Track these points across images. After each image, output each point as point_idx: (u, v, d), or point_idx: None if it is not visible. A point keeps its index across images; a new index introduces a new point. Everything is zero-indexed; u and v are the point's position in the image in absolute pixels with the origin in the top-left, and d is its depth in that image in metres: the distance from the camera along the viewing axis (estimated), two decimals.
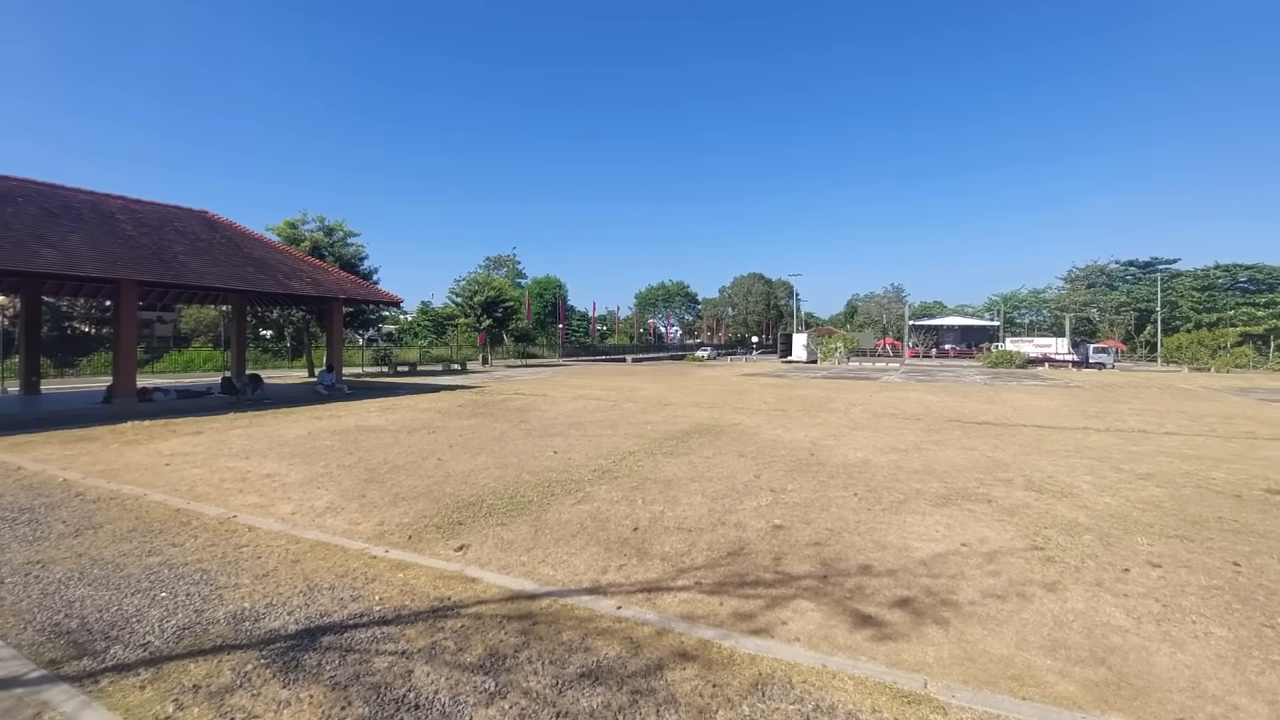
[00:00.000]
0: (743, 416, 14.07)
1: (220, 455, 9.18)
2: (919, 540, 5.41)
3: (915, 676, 3.16)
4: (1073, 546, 5.28)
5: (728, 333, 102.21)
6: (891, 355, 61.26)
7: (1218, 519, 6.16)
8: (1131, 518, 6.18)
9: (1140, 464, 8.93)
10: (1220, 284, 67.22)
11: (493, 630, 3.63)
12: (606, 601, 4.06)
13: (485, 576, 4.47)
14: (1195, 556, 5.06)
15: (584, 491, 7.01)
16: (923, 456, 9.35)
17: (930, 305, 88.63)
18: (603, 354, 64.20)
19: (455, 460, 8.76)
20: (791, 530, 5.66)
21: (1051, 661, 3.35)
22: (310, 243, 29.52)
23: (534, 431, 11.52)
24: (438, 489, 7.11)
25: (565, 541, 5.29)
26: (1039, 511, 6.38)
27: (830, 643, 3.53)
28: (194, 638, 3.57)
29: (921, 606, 4.03)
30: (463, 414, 14.26)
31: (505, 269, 78.88)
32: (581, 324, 77.85)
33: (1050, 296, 78.25)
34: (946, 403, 17.98)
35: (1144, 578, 4.59)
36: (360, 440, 10.45)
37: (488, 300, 41.75)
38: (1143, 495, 7.10)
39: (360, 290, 22.68)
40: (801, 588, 4.33)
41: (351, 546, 5.16)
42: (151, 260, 15.97)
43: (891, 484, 7.54)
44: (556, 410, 15.05)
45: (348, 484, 7.37)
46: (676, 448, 9.88)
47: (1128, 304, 69.66)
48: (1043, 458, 9.36)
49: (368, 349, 39.58)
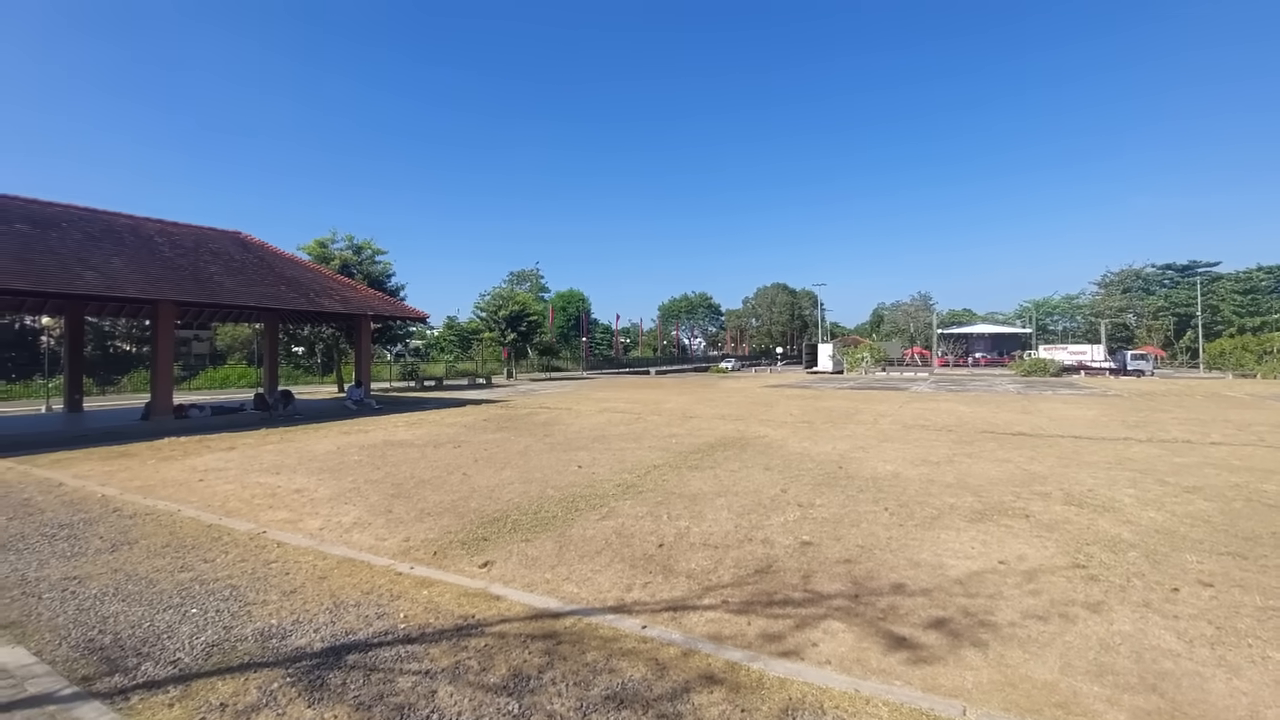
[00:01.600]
0: (768, 429, 13.91)
1: (252, 471, 9.34)
2: (954, 558, 5.24)
3: (953, 703, 3.03)
4: (1117, 564, 5.06)
5: (752, 344, 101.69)
6: (920, 365, 60.24)
7: (1272, 534, 5.86)
8: (1179, 533, 5.92)
9: (1186, 476, 8.57)
10: (1264, 286, 64.94)
11: (516, 650, 3.59)
12: (631, 621, 3.99)
13: (509, 594, 4.44)
14: (1249, 575, 4.81)
15: (608, 507, 6.96)
16: (955, 469, 9.10)
17: (959, 313, 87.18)
18: (626, 367, 64.28)
19: (480, 475, 8.79)
20: (821, 547, 5.53)
21: (1099, 688, 3.18)
22: (339, 261, 30.17)
23: (558, 446, 11.52)
24: (463, 504, 7.13)
25: (589, 558, 5.24)
26: (1080, 527, 6.14)
27: (863, 666, 3.41)
28: (222, 655, 3.60)
29: (958, 628, 3.89)
30: (488, 428, 14.34)
31: (529, 283, 79.70)
32: (605, 337, 78.23)
33: (1084, 302, 76.44)
34: (979, 413, 17.55)
35: (1195, 598, 4.37)
36: (387, 455, 10.56)
37: (512, 315, 42.15)
38: (1190, 509, 6.80)
39: (388, 307, 23.08)
40: (832, 607, 4.21)
41: (377, 563, 5.18)
42: (188, 281, 16.47)
43: (923, 498, 7.34)
44: (581, 424, 15.05)
45: (374, 499, 7.44)
46: (701, 461, 9.78)
47: (1166, 309, 67.60)
48: (1082, 470, 9.04)
49: (395, 364, 40.24)
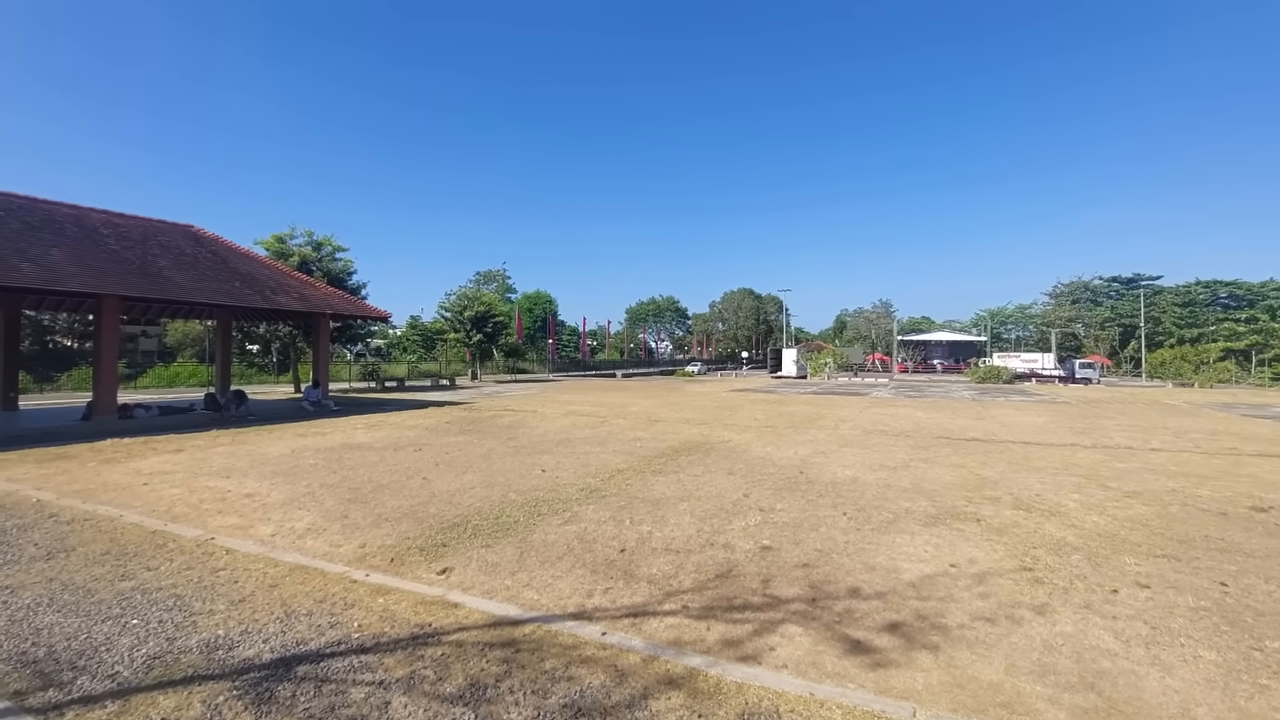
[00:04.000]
0: (732, 433, 14.04)
1: (200, 474, 9.01)
2: (908, 561, 5.37)
3: (904, 705, 3.10)
4: (1061, 567, 5.26)
5: (718, 348, 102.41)
6: (881, 370, 61.63)
7: (1204, 538, 6.18)
8: (1119, 537, 6.18)
9: (1127, 481, 8.97)
10: (1201, 300, 68.45)
11: (474, 659, 3.54)
12: (592, 627, 3.98)
13: (468, 601, 4.37)
14: (1183, 577, 5.05)
15: (571, 511, 6.93)
16: (912, 474, 9.34)
17: (919, 320, 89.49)
18: (593, 369, 64.08)
19: (441, 479, 8.65)
20: (780, 551, 5.60)
21: (1041, 687, 3.30)
22: (298, 257, 29.39)
23: (522, 449, 11.41)
24: (422, 509, 7.00)
25: (551, 564, 5.20)
26: (1027, 531, 6.36)
27: (818, 669, 3.47)
28: (164, 668, 3.45)
29: (911, 630, 3.99)
30: (450, 431, 14.12)
31: (495, 284, 78.80)
32: (572, 339, 77.79)
33: (1036, 312, 79.31)
34: (935, 419, 18.04)
35: (1132, 599, 4.57)
36: (345, 458, 10.31)
37: (477, 315, 41.62)
38: (1130, 513, 7.11)
39: (348, 305, 22.55)
40: (790, 611, 4.27)
41: (332, 570, 5.05)
42: (135, 275, 15.80)
43: (880, 503, 7.51)
44: (545, 427, 14.95)
45: (330, 504, 7.24)
46: (665, 465, 9.81)
47: (1112, 319, 70.69)
48: (1031, 475, 9.38)
49: (355, 364, 39.32)
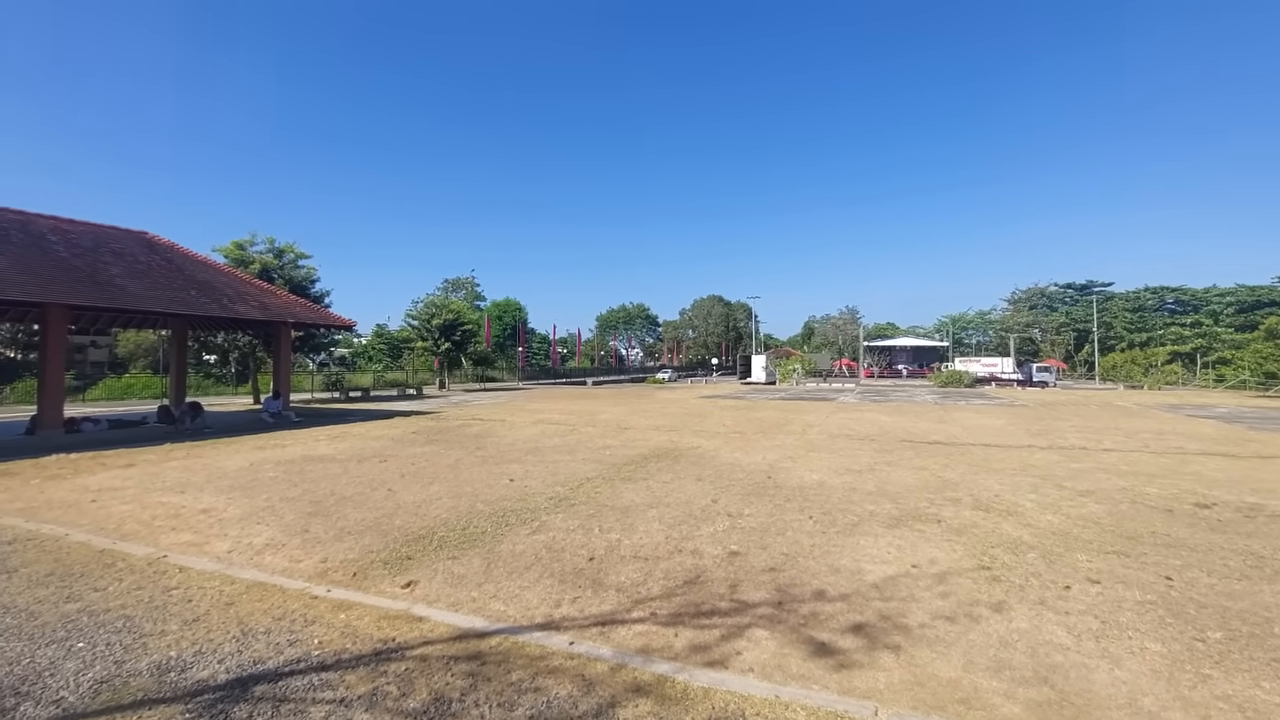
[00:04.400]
0: (702, 440, 14.12)
1: (152, 490, 8.69)
2: (872, 563, 5.48)
3: (866, 704, 3.16)
4: (1018, 565, 5.42)
5: (688, 354, 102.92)
6: (848, 376, 62.65)
7: (1152, 534, 6.44)
8: (1073, 535, 6.40)
9: (1080, 481, 9.29)
10: (1150, 305, 71.47)
11: (439, 673, 3.49)
12: (559, 637, 3.96)
13: (433, 615, 4.31)
14: (1131, 572, 5.26)
15: (540, 521, 6.88)
16: (876, 477, 9.52)
17: (884, 326, 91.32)
18: (563, 377, 63.77)
19: (406, 491, 8.50)
20: (748, 556, 5.66)
21: (997, 683, 3.40)
22: (259, 265, 28.62)
23: (490, 459, 11.30)
24: (386, 522, 6.87)
25: (518, 574, 5.16)
26: (986, 530, 6.55)
27: (784, 672, 3.51)
28: (113, 692, 3.32)
29: (874, 631, 4.06)
30: (417, 441, 13.90)
31: (464, 291, 77.90)
32: (542, 347, 77.35)
33: (995, 318, 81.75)
34: (899, 423, 18.43)
35: (1084, 594, 4.74)
36: (306, 471, 10.06)
37: (445, 323, 41.05)
38: (1083, 512, 7.37)
39: (311, 314, 22.04)
40: (757, 616, 4.32)
41: (291, 586, 4.92)
42: (84, 283, 15.19)
43: (846, 506, 7.64)
44: (514, 436, 14.82)
45: (290, 518, 7.06)
46: (635, 473, 9.82)
47: (1067, 324, 73.26)
48: (990, 476, 9.65)
49: (319, 374, 38.42)
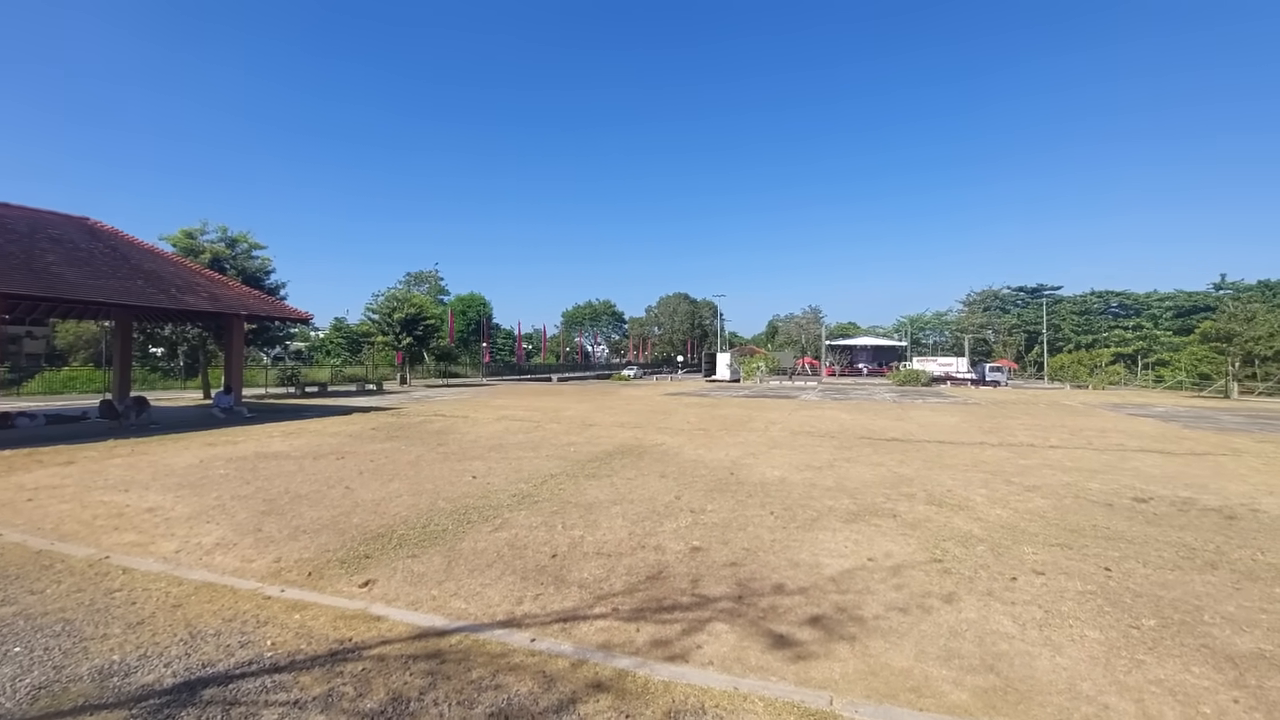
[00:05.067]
0: (666, 436, 14.19)
1: (94, 488, 8.31)
2: (830, 557, 5.60)
3: (822, 694, 3.24)
4: (968, 558, 5.62)
5: (654, 352, 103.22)
6: (810, 374, 63.75)
7: (1093, 527, 6.74)
8: (1020, 528, 6.66)
9: (1028, 477, 9.66)
10: (1096, 308, 74.77)
11: (397, 672, 3.44)
12: (521, 634, 3.94)
13: (391, 614, 4.24)
14: (1073, 563, 5.50)
15: (502, 518, 6.83)
16: (836, 473, 9.73)
17: (846, 326, 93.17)
18: (528, 373, 63.24)
19: (365, 488, 8.32)
20: (709, 551, 5.72)
21: (947, 671, 3.52)
22: (210, 254, 27.53)
23: (452, 455, 11.14)
24: (344, 520, 6.72)
25: (480, 572, 5.11)
26: (939, 525, 6.76)
27: (743, 665, 3.57)
28: (51, 698, 3.18)
29: (830, 623, 4.16)
30: (376, 437, 13.61)
31: (427, 285, 76.57)
32: (507, 343, 76.56)
33: (951, 319, 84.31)
34: (859, 420, 18.85)
35: (1029, 585, 4.94)
36: (259, 468, 9.75)
37: (408, 317, 40.26)
38: (1029, 506, 7.67)
39: (264, 306, 21.36)
40: (718, 610, 4.38)
41: (243, 586, 4.77)
42: (19, 271, 14.41)
43: (806, 501, 7.78)
44: (477, 432, 14.64)
45: (242, 517, 6.84)
46: (599, 470, 9.82)
47: (1018, 326, 76.03)
48: (943, 472, 9.96)
49: (273, 368, 37.23)
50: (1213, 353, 41.29)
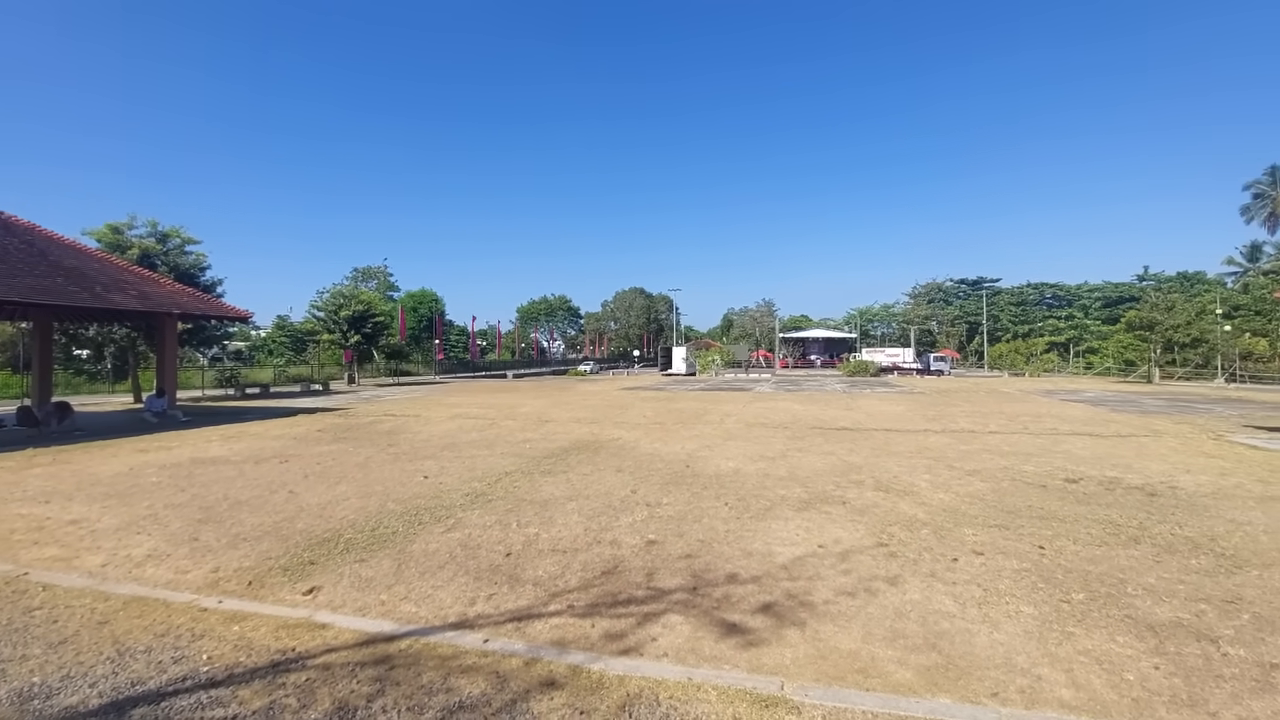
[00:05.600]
0: (622, 431, 14.20)
1: (10, 500, 7.77)
2: (782, 545, 5.71)
3: (773, 680, 3.30)
4: (912, 541, 5.82)
5: (610, 346, 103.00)
6: (764, 366, 64.83)
7: (1028, 508, 7.07)
8: (961, 511, 6.94)
9: (969, 461, 10.07)
10: (1031, 300, 78.44)
11: (343, 680, 3.33)
12: (473, 635, 3.88)
13: (337, 621, 4.11)
14: (1010, 543, 5.76)
15: (455, 518, 6.70)
16: (788, 463, 9.92)
17: (799, 318, 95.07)
18: (483, 370, 62.23)
19: (310, 492, 8.04)
20: (665, 544, 5.75)
21: (892, 651, 3.64)
22: (139, 250, 26.08)
23: (403, 455, 10.87)
24: (287, 526, 6.48)
25: (431, 574, 5.00)
26: (885, 510, 6.98)
27: (697, 655, 3.61)
28: None
29: (782, 610, 4.25)
30: (322, 439, 13.16)
31: (376, 281, 74.25)
32: (460, 339, 75.03)
33: (898, 311, 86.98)
34: (810, 411, 19.28)
35: (969, 565, 5.15)
36: (195, 475, 9.30)
37: (355, 315, 38.96)
38: (970, 490, 8.00)
39: (199, 304, 20.35)
40: (672, 601, 4.40)
41: (177, 599, 4.55)
42: None
43: (760, 491, 7.91)
44: (430, 431, 14.33)
45: (176, 526, 6.51)
46: (555, 466, 9.75)
47: (960, 317, 79.08)
48: (890, 459, 10.29)
49: (211, 369, 35.55)
50: (1137, 340, 43.88)
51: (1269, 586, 4.67)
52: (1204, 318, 41.96)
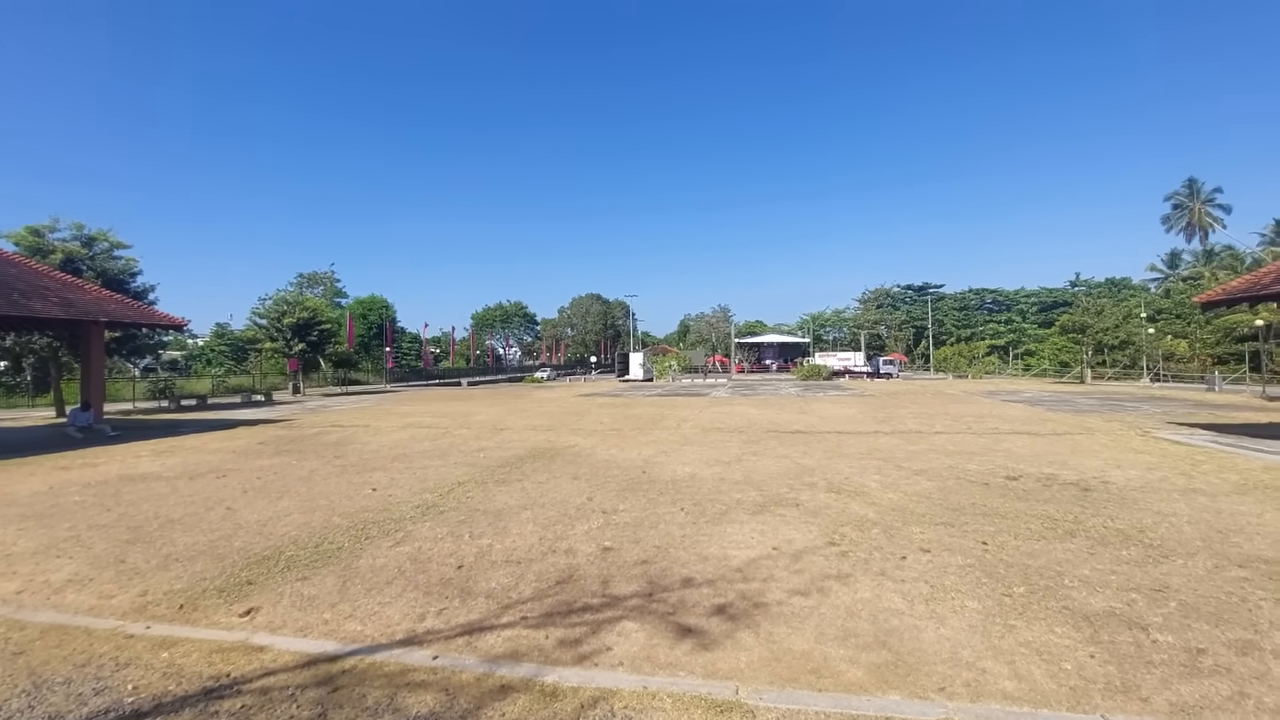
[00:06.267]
0: (579, 438, 14.10)
1: None
2: (736, 548, 5.74)
3: (728, 685, 3.30)
4: (863, 540, 5.94)
5: (567, 353, 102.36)
6: (720, 371, 65.51)
7: (972, 505, 7.32)
8: (909, 510, 7.13)
9: (916, 461, 10.38)
10: (973, 304, 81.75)
11: (282, 705, 3.17)
12: (422, 652, 3.75)
13: (277, 643, 3.91)
14: (955, 540, 5.94)
15: (404, 531, 6.50)
16: (744, 467, 10.02)
17: (753, 324, 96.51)
18: (436, 378, 60.92)
19: (250, 508, 7.67)
20: (621, 551, 5.71)
21: (844, 650, 3.69)
22: (63, 254, 24.50)
23: (350, 468, 10.50)
24: (224, 544, 6.15)
25: (378, 590, 4.83)
26: (837, 511, 7.11)
27: (652, 662, 3.58)
28: None
29: (736, 612, 4.26)
30: (264, 453, 12.61)
31: (322, 287, 71.88)
32: (412, 347, 73.32)
33: (849, 316, 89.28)
34: (766, 415, 19.56)
35: (917, 563, 5.28)
36: (123, 493, 8.75)
37: (300, 322, 37.52)
38: (917, 489, 8.23)
39: (129, 311, 19.28)
40: (628, 609, 4.37)
41: (100, 626, 4.25)
42: None
43: (715, 496, 7.96)
44: (379, 442, 13.91)
45: (101, 548, 6.10)
46: (509, 475, 9.59)
47: (908, 322, 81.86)
48: (842, 461, 10.51)
49: (143, 380, 33.70)
50: (1070, 343, 46.22)
51: (1193, 575, 4.94)
52: (1130, 321, 44.53)
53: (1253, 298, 14.66)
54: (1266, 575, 4.89)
